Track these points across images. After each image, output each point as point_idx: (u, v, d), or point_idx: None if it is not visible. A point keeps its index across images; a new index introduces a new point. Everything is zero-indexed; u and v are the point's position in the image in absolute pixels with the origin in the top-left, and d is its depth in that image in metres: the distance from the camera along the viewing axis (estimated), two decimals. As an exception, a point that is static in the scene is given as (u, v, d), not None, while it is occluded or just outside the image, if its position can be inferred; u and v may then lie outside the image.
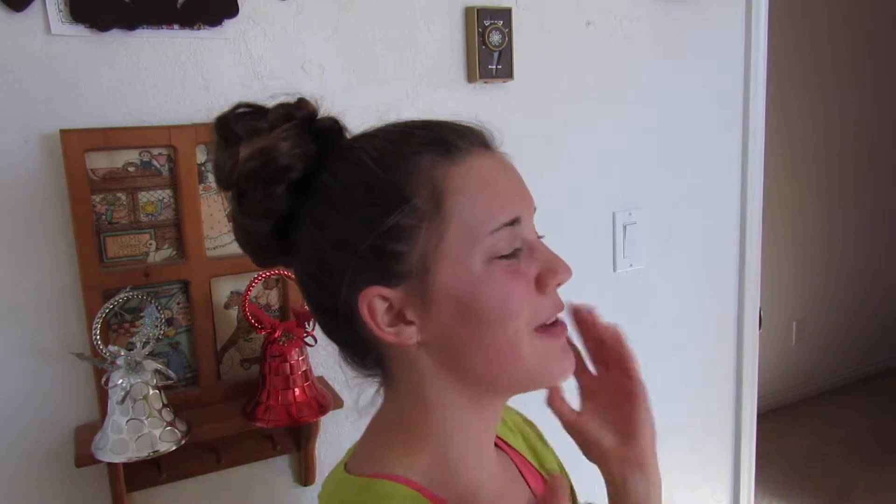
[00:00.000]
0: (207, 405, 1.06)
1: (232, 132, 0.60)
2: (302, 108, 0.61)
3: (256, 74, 1.07)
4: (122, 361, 0.93)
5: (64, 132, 0.93)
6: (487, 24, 1.21)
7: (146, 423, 0.93)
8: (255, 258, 0.66)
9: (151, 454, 0.93)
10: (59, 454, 1.00)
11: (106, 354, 0.94)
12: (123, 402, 0.92)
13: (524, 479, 0.73)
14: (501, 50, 1.23)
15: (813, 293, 3.56)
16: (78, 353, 0.95)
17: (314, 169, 0.60)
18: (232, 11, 1.03)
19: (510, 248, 0.58)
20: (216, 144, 0.62)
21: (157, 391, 0.95)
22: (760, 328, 1.75)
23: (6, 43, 0.92)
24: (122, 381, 0.92)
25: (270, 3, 1.06)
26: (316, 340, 1.06)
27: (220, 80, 1.04)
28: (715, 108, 1.58)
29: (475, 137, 0.61)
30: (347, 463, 0.67)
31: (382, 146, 0.59)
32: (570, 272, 0.60)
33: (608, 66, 1.40)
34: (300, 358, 1.04)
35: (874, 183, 3.67)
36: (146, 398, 0.93)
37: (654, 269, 1.54)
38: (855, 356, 3.78)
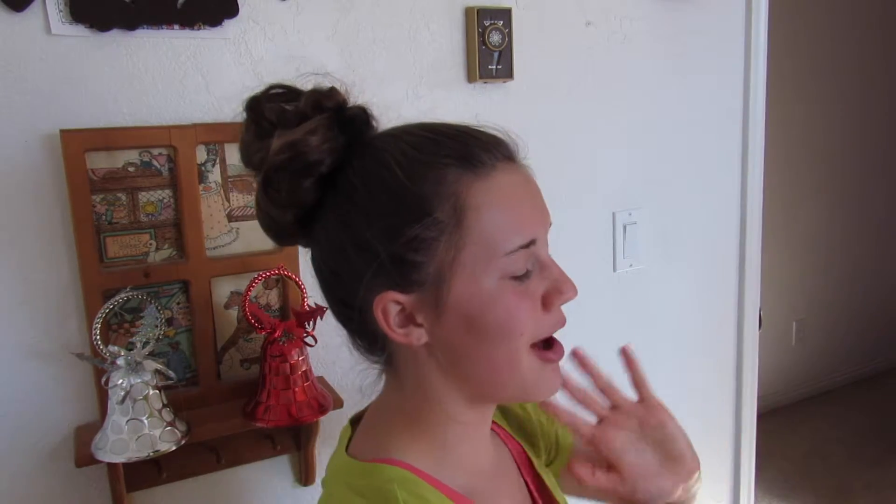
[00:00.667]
0: (207, 405, 1.06)
1: (262, 116, 0.61)
2: (332, 97, 0.62)
3: (256, 74, 1.07)
4: (122, 361, 0.93)
5: (64, 132, 0.93)
6: (487, 24, 1.21)
7: (146, 423, 0.93)
8: (274, 239, 0.69)
9: (151, 454, 0.93)
10: (59, 454, 1.00)
11: (106, 354, 0.94)
12: (123, 402, 0.92)
13: (518, 469, 0.76)
14: (501, 50, 1.23)
15: (813, 293, 3.56)
16: (78, 353, 0.95)
17: (342, 162, 0.61)
18: (232, 11, 1.03)
19: (523, 269, 0.60)
20: (245, 125, 0.63)
21: (157, 391, 0.95)
22: (760, 328, 1.75)
23: (6, 43, 0.92)
24: (122, 381, 0.92)
25: (270, 3, 1.06)
26: (316, 340, 1.06)
27: (220, 80, 1.04)
28: (715, 108, 1.58)
29: (501, 150, 0.62)
30: (349, 447, 0.69)
31: (411, 154, 0.60)
32: (575, 292, 0.63)
33: (608, 66, 1.40)
34: (300, 358, 1.04)
35: (874, 183, 3.67)
36: (146, 398, 0.93)
37: (654, 269, 1.54)
38: (855, 356, 3.78)
